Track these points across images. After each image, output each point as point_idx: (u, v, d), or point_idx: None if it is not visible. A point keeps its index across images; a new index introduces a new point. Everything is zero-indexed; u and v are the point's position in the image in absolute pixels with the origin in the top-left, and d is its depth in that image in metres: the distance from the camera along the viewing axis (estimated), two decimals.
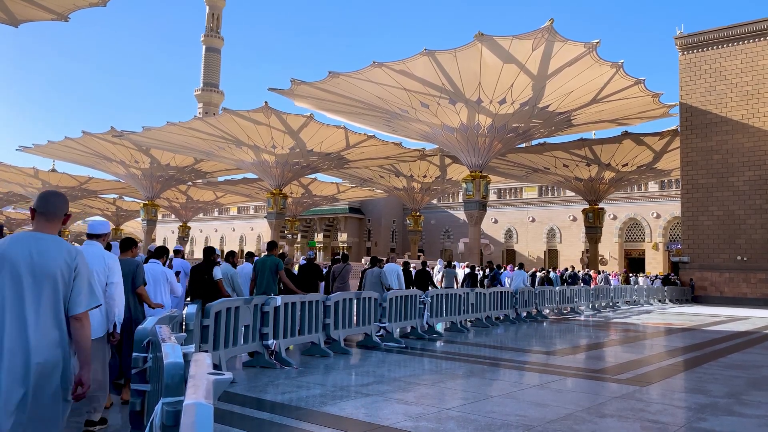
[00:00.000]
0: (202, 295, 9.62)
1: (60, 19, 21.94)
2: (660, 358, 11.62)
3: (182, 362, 3.07)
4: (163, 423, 2.74)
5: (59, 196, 3.49)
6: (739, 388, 8.28)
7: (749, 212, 35.18)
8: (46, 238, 3.33)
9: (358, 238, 68.92)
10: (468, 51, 26.43)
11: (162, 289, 7.76)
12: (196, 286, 9.92)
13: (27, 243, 3.27)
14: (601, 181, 43.33)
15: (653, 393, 7.91)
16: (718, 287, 35.90)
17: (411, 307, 13.09)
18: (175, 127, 36.99)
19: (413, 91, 30.11)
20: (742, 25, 36.48)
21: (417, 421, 6.03)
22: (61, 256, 3.28)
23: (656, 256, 53.16)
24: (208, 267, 9.85)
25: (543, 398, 7.34)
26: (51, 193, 3.47)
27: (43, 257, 3.24)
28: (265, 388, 7.57)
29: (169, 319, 5.57)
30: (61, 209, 3.44)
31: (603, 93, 30.26)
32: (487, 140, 32.79)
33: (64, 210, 3.47)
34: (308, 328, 10.06)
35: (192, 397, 2.13)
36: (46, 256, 3.25)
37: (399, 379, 8.56)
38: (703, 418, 6.50)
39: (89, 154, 46.47)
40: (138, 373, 4.58)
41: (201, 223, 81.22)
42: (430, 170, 49.41)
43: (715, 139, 36.44)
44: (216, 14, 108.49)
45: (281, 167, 41.22)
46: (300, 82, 30.95)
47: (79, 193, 60.62)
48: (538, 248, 59.47)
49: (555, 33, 24.91)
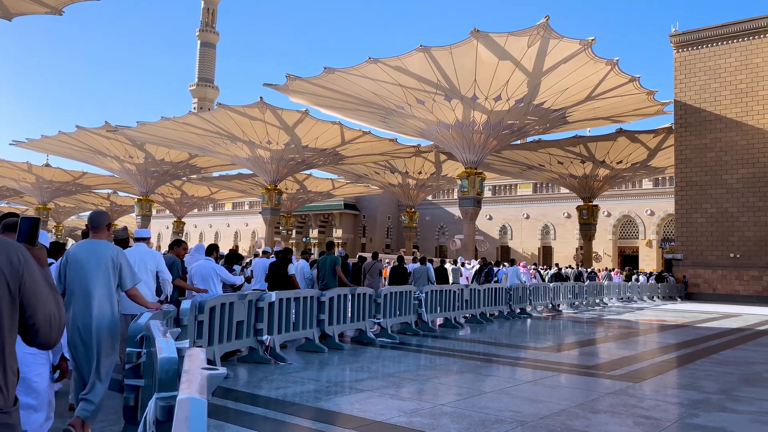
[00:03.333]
0: (278, 286, 10.92)
1: (54, 13, 21.79)
2: (653, 355, 11.67)
3: (176, 357, 3.07)
4: (157, 418, 2.74)
5: (101, 214, 5.34)
6: (732, 385, 8.33)
7: (742, 210, 35.34)
8: (97, 242, 5.15)
9: (353, 234, 68.89)
10: (464, 47, 26.41)
11: (213, 283, 9.11)
12: (273, 279, 11.42)
13: (86, 246, 5.11)
14: (596, 179, 43.43)
15: (646, 389, 7.94)
16: (711, 284, 36.07)
17: (405, 303, 13.10)
18: (170, 122, 36.85)
19: (409, 88, 30.07)
20: (736, 23, 36.57)
21: (411, 416, 6.04)
22: (108, 254, 5.07)
23: (650, 254, 53.34)
24: (283, 264, 11.50)
25: (536, 394, 7.36)
26: (95, 213, 5.32)
27: (96, 255, 5.02)
28: (259, 384, 7.57)
29: (163, 314, 5.56)
30: (102, 223, 5.25)
31: (598, 90, 30.30)
32: (482, 137, 32.80)
33: (106, 222, 5.26)
34: (303, 324, 10.06)
35: (186, 391, 2.13)
36: (99, 254, 5.04)
37: (393, 374, 8.57)
38: (695, 414, 6.54)
39: (83, 149, 46.24)
40: (132, 368, 4.57)
41: (196, 219, 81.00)
42: (426, 167, 49.41)
43: (709, 136, 36.56)
44: (211, 9, 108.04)
45: (276, 163, 41.12)
46: (295, 78, 30.86)
47: (73, 188, 60.32)
48: (533, 245, 59.58)
49: (550, 30, 24.92)
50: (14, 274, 1.93)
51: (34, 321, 1.97)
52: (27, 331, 1.99)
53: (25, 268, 1.96)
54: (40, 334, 2.00)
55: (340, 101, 33.96)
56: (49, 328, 2.00)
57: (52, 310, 2.02)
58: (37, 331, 1.99)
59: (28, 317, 1.96)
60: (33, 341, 2.02)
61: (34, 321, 1.97)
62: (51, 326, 2.01)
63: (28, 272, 1.97)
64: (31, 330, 1.98)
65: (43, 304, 1.99)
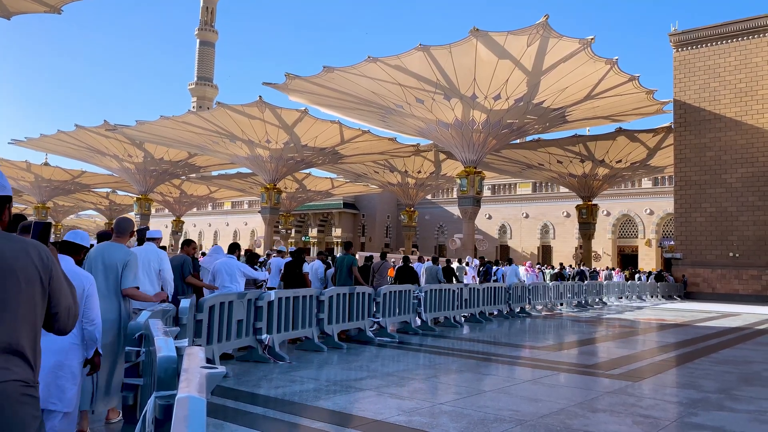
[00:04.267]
0: (293, 284, 11.45)
1: (53, 12, 21.74)
2: (652, 354, 11.68)
3: (175, 356, 3.07)
4: (156, 417, 2.74)
5: (126, 221, 5.95)
6: (731, 384, 8.34)
7: (741, 209, 35.35)
8: (112, 245, 5.65)
9: (353, 234, 68.84)
10: (463, 46, 26.39)
11: (237, 279, 9.62)
12: (289, 277, 11.87)
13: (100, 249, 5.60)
14: (595, 178, 43.42)
15: (645, 388, 7.95)
16: (710, 284, 36.08)
17: (404, 302, 13.10)
18: (169, 121, 36.82)
19: (408, 87, 30.05)
20: (735, 22, 36.57)
21: (410, 415, 6.04)
22: (119, 257, 5.49)
23: (649, 253, 53.35)
24: (298, 263, 12.02)
25: (536, 393, 7.36)
26: (121, 219, 5.99)
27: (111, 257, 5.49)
28: (258, 383, 7.57)
29: (162, 313, 5.56)
30: (127, 229, 5.84)
31: (597, 89, 30.29)
32: (481, 136, 32.79)
33: (130, 229, 5.88)
34: (302, 323, 10.06)
35: (185, 390, 2.12)
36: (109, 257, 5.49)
37: (392, 373, 8.58)
38: (694, 413, 6.54)
39: (82, 147, 46.21)
40: (131, 367, 4.56)
41: (195, 218, 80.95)
42: (425, 166, 49.39)
43: (709, 136, 36.57)
44: (210, 8, 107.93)
45: (275, 162, 41.10)
46: (294, 77, 30.84)
47: (71, 187, 60.27)
48: (532, 244, 59.60)
49: (550, 29, 24.90)
50: (45, 270, 2.26)
51: (56, 310, 2.31)
52: (50, 319, 2.31)
53: (52, 265, 2.30)
54: (60, 321, 2.33)
55: (339, 100, 33.94)
56: (67, 317, 2.35)
57: (69, 302, 2.37)
58: (58, 319, 2.32)
59: (52, 307, 2.30)
60: (52, 328, 2.34)
61: (56, 310, 2.31)
62: (69, 315, 2.36)
63: (54, 269, 2.30)
64: (53, 318, 2.31)
65: (64, 297, 2.34)
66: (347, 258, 13.01)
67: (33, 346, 2.22)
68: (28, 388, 2.13)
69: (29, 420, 2.11)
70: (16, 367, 2.12)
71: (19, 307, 2.16)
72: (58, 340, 3.82)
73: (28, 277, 2.20)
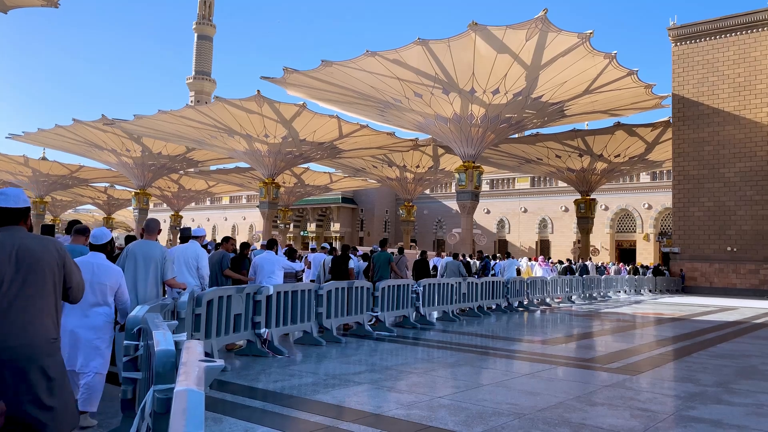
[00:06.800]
0: (340, 278, 12.10)
1: (50, 5, 21.65)
2: (650, 348, 11.70)
3: (173, 349, 3.07)
4: (154, 410, 2.74)
5: (156, 221, 6.96)
6: (728, 378, 8.36)
7: (739, 203, 35.38)
8: (149, 242, 6.66)
9: (351, 228, 68.85)
10: (462, 41, 26.33)
11: (276, 272, 10.25)
12: (336, 272, 12.57)
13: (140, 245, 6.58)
14: (593, 172, 43.41)
15: (643, 382, 7.97)
16: (708, 278, 36.15)
17: (403, 297, 13.11)
18: (167, 115, 36.72)
19: (406, 81, 29.99)
20: (734, 16, 36.50)
21: (409, 409, 6.05)
22: (157, 252, 6.57)
23: (647, 247, 53.42)
24: (344, 258, 12.73)
25: (534, 387, 7.38)
26: (151, 220, 6.93)
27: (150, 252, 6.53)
28: (257, 377, 7.58)
29: (160, 307, 5.56)
30: (156, 228, 6.81)
31: (596, 84, 30.25)
32: (480, 130, 32.75)
33: (158, 228, 6.85)
34: (301, 317, 10.06)
35: (183, 383, 2.12)
36: (149, 252, 6.53)
37: (391, 367, 8.59)
38: (692, 406, 6.56)
39: (80, 142, 46.10)
40: (129, 360, 4.56)
41: (193, 213, 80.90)
42: (423, 160, 49.34)
43: (707, 130, 36.55)
44: (208, 2, 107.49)
45: (274, 156, 41.03)
46: (292, 71, 30.75)
47: (69, 181, 60.13)
48: (530, 239, 59.66)
49: (549, 23, 24.85)
50: (61, 258, 3.25)
51: (70, 285, 3.31)
52: (66, 291, 3.31)
53: (65, 255, 3.30)
54: (73, 294, 3.35)
55: (337, 95, 33.86)
56: (78, 291, 3.39)
57: (78, 278, 3.39)
58: (71, 292, 3.34)
59: (67, 282, 3.29)
60: (68, 298, 3.35)
61: (70, 285, 3.31)
62: (79, 289, 3.39)
63: (66, 257, 3.30)
64: (68, 291, 3.32)
65: (75, 276, 3.35)
66: (383, 254, 14.45)
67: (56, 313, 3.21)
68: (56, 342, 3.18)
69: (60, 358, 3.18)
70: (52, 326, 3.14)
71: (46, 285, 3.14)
72: (96, 319, 5.15)
73: (51, 264, 3.17)
